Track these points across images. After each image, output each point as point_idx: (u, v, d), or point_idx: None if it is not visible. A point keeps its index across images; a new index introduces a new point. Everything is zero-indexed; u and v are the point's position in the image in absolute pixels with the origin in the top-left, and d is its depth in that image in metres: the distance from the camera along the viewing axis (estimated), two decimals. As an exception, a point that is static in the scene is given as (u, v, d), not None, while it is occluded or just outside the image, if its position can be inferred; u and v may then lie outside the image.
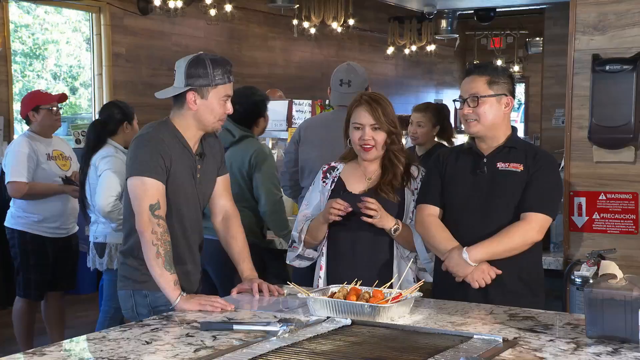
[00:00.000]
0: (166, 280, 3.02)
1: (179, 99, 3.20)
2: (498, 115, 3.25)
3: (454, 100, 3.36)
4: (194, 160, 3.24)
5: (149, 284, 3.15)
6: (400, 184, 3.44)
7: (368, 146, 3.40)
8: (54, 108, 5.42)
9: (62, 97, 5.58)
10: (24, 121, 5.57)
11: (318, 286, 3.40)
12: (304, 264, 3.62)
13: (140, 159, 3.12)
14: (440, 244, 3.25)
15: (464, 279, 3.18)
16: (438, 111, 5.41)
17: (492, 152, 3.29)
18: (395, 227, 3.34)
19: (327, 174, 3.56)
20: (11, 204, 5.47)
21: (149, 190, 3.07)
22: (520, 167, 3.24)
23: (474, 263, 3.15)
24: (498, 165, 3.26)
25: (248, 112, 4.76)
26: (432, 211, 3.32)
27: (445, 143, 5.47)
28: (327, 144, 4.23)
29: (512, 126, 3.38)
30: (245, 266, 3.37)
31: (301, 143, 4.68)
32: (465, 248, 3.17)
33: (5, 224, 5.48)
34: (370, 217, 3.32)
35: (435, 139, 5.43)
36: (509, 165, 3.25)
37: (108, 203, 4.83)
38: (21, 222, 5.37)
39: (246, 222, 4.67)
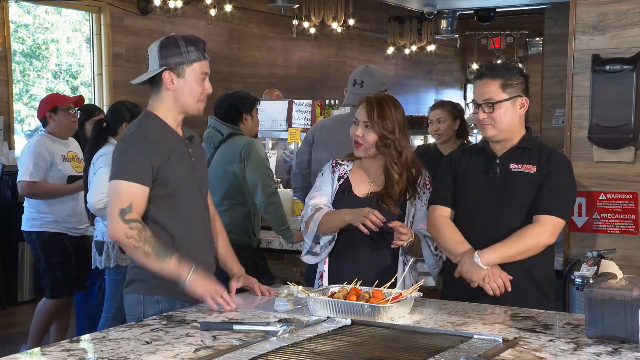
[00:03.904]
0: (168, 267, 2.93)
1: (156, 82, 3.10)
2: (514, 118, 3.22)
3: (468, 104, 3.34)
4: (185, 144, 3.14)
5: (162, 290, 3.02)
6: (404, 195, 3.40)
7: (357, 142, 3.41)
8: (71, 110, 5.51)
9: (79, 100, 5.67)
10: (41, 124, 5.62)
11: (321, 285, 3.39)
12: (311, 259, 3.57)
13: (117, 162, 3.02)
14: (451, 246, 3.21)
15: (478, 283, 3.13)
16: (455, 105, 5.45)
17: (506, 153, 3.25)
18: (409, 240, 3.26)
19: (335, 168, 3.53)
20: (25, 206, 5.49)
21: (121, 194, 2.95)
22: (533, 169, 3.19)
23: (487, 266, 3.11)
24: (511, 167, 3.22)
25: (232, 107, 4.81)
26: (444, 212, 3.29)
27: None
28: (342, 145, 4.12)
29: (526, 126, 3.32)
30: (233, 264, 3.34)
31: (315, 145, 4.68)
32: (476, 252, 3.12)
33: (22, 228, 5.49)
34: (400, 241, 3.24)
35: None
36: (522, 166, 3.21)
37: (99, 200, 4.78)
38: (37, 223, 5.40)
39: (237, 219, 4.68)
